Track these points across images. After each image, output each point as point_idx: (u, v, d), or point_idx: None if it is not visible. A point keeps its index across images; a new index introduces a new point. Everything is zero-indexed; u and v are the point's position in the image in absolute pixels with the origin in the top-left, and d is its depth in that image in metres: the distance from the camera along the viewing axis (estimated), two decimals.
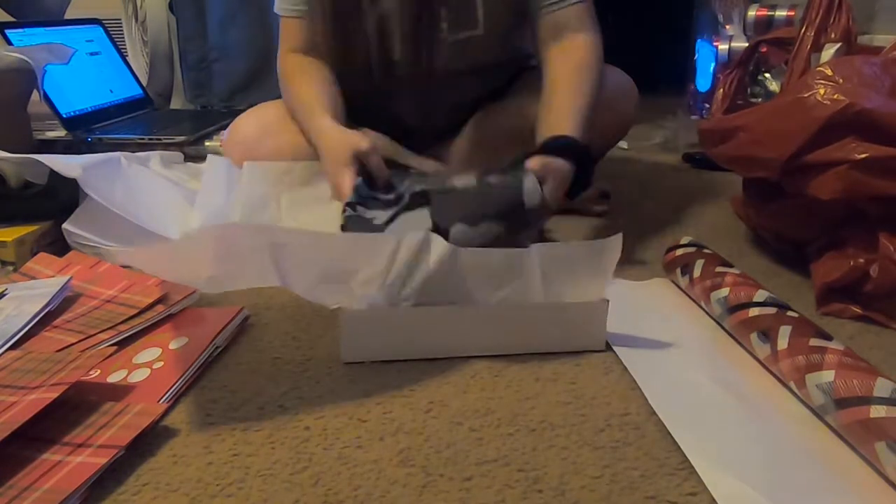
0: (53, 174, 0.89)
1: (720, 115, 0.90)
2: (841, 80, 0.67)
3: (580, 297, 0.64)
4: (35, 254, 0.84)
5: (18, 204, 0.89)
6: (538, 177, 0.73)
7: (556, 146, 0.78)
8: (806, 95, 0.68)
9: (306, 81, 0.95)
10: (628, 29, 1.96)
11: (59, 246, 0.87)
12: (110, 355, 0.56)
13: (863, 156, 0.65)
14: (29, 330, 0.64)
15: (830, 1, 0.77)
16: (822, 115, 0.67)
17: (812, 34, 0.78)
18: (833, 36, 0.76)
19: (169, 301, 0.71)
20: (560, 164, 0.76)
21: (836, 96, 0.67)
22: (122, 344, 0.64)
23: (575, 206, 1.04)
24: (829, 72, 0.68)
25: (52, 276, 0.75)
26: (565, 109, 0.83)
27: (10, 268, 0.82)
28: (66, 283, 0.70)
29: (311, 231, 0.63)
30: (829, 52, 0.76)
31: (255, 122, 1.01)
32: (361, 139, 0.80)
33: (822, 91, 0.68)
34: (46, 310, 0.66)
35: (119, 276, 0.75)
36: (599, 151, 1.10)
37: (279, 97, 1.15)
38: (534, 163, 0.75)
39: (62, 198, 0.91)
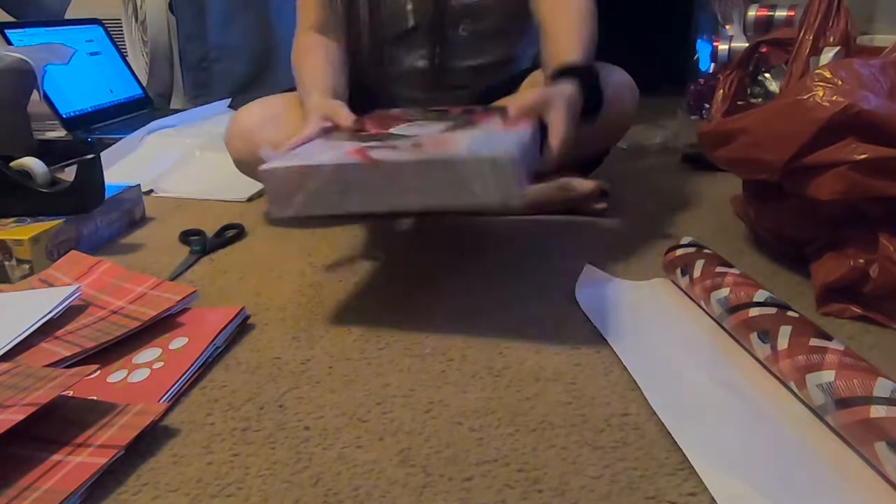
0: (80, 171, 0.90)
1: (720, 115, 0.90)
2: (840, 82, 0.67)
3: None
4: (49, 252, 0.85)
5: (44, 200, 0.90)
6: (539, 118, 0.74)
7: (558, 74, 0.80)
8: (805, 97, 0.68)
9: (311, 60, 0.97)
10: (628, 29, 1.96)
11: (70, 245, 0.88)
12: (90, 374, 0.55)
13: (862, 156, 0.65)
14: (28, 340, 0.63)
15: (829, 5, 0.77)
16: (822, 117, 0.67)
17: (811, 38, 0.77)
18: (832, 39, 0.76)
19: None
20: (561, 89, 0.77)
21: (835, 98, 0.67)
22: (121, 345, 0.64)
23: (575, 206, 1.04)
24: (827, 74, 0.68)
25: (68, 284, 0.75)
26: (565, 43, 0.86)
27: (26, 266, 0.82)
28: (61, 302, 0.68)
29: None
30: (827, 55, 0.76)
31: (257, 112, 1.00)
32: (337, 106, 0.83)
33: (821, 93, 0.68)
34: (31, 330, 0.64)
35: (134, 283, 0.74)
36: (600, 150, 1.10)
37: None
38: (521, 106, 0.73)
39: (88, 194, 0.92)
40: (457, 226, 1.00)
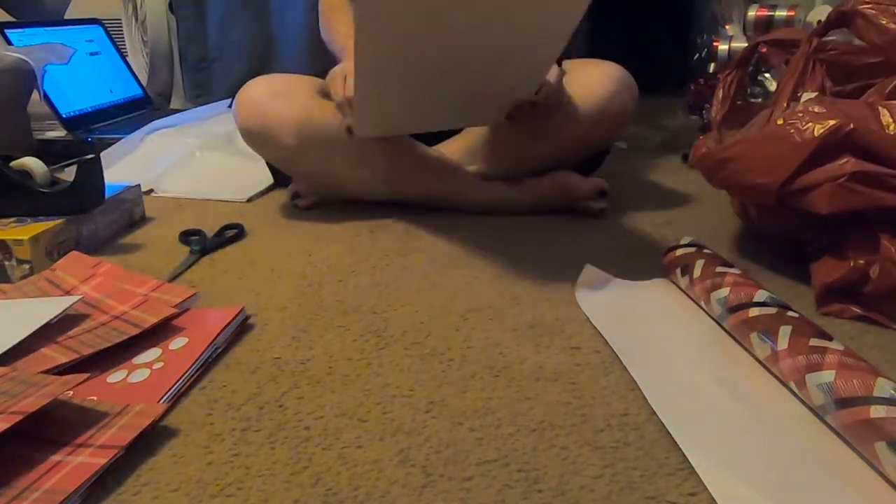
0: (80, 171, 0.91)
1: (720, 116, 0.91)
2: (829, 107, 0.69)
3: None
4: (49, 252, 0.85)
5: (44, 200, 0.90)
6: None
7: None
8: (796, 121, 0.70)
9: (341, 19, 1.06)
10: (628, 29, 1.96)
11: (70, 245, 0.88)
12: (82, 382, 0.54)
13: (858, 169, 0.66)
14: (29, 346, 0.62)
15: (806, 62, 0.79)
16: (815, 138, 0.68)
17: (790, 88, 0.79)
18: (809, 88, 0.78)
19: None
20: None
21: (826, 120, 0.68)
22: (121, 345, 0.64)
23: (574, 205, 1.04)
24: (812, 104, 0.70)
25: (74, 286, 0.75)
26: None
27: (26, 266, 0.82)
28: (62, 311, 0.67)
29: None
30: (806, 97, 0.77)
31: (264, 84, 1.01)
32: None
33: (811, 114, 0.69)
34: (24, 336, 0.62)
35: (134, 285, 0.74)
36: (603, 145, 1.10)
37: None
38: None
39: (88, 194, 0.93)
40: (457, 225, 1.00)
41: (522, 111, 0.92)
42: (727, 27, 1.55)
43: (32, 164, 0.92)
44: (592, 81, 1.00)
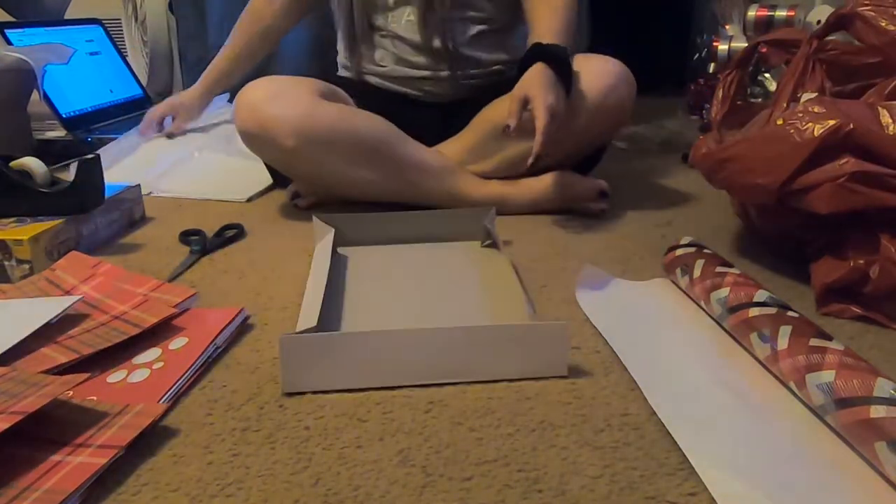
0: (80, 171, 0.91)
1: (720, 116, 0.91)
2: (828, 108, 0.69)
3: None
4: (49, 252, 0.85)
5: (44, 200, 0.90)
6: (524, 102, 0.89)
7: (532, 54, 0.94)
8: (796, 121, 0.70)
9: (231, 40, 1.24)
10: (628, 29, 1.97)
11: (70, 245, 0.88)
12: (82, 382, 0.54)
13: (858, 169, 0.66)
14: (28, 346, 0.62)
15: (806, 63, 0.80)
16: (815, 138, 0.68)
17: (790, 88, 0.79)
18: (809, 89, 0.78)
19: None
20: (531, 74, 0.91)
21: (826, 120, 0.68)
22: (121, 346, 0.64)
23: (573, 206, 1.04)
24: (812, 104, 0.70)
25: (74, 286, 0.75)
26: (540, 29, 0.99)
27: (26, 266, 0.82)
28: (62, 311, 0.67)
29: None
30: (806, 97, 0.77)
31: (263, 86, 1.01)
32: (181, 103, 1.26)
33: (811, 115, 0.69)
34: (23, 336, 0.62)
35: (134, 285, 0.74)
36: (600, 141, 1.10)
37: None
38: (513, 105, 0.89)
39: (88, 194, 0.93)
40: None
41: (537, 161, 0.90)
42: (727, 27, 1.55)
43: (32, 164, 0.92)
44: (590, 75, 1.00)
